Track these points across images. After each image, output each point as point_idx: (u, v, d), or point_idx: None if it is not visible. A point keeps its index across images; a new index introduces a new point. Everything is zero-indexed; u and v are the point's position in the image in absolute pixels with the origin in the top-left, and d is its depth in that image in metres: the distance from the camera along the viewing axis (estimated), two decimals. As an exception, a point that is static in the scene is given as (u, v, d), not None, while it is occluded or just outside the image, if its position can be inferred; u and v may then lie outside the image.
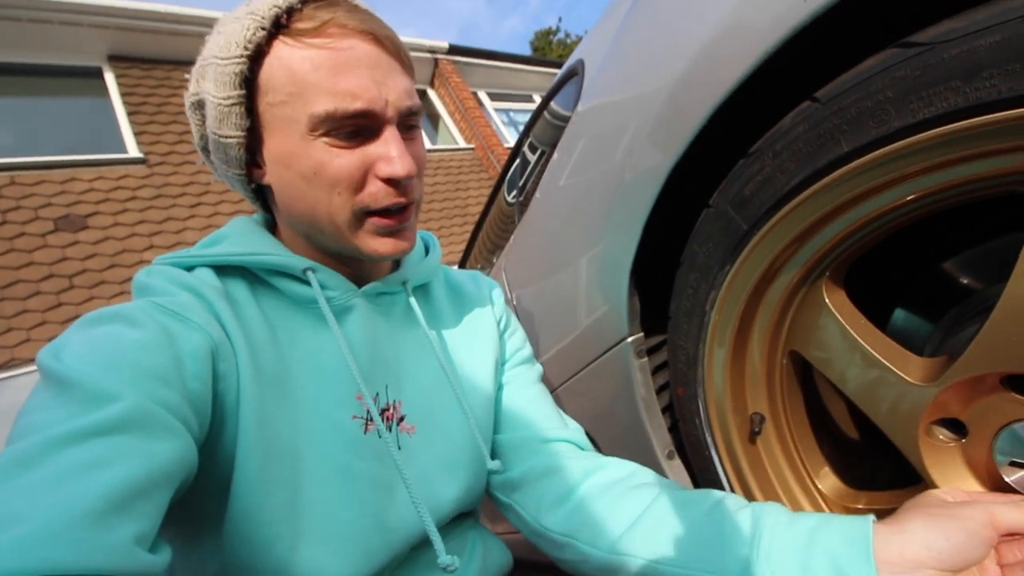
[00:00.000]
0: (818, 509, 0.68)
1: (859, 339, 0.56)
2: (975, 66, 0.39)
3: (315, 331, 0.59)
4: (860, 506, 0.65)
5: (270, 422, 0.51)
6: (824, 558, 0.45)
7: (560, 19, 46.42)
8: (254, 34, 0.49)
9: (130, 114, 5.26)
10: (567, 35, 21.29)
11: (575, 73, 1.13)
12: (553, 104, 1.31)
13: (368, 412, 0.58)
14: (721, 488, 0.74)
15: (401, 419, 0.62)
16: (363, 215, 0.55)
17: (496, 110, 8.61)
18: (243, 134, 0.54)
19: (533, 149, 1.46)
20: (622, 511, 0.58)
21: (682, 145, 0.63)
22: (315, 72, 0.49)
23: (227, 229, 0.62)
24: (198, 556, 0.54)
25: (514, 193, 1.60)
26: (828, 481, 0.69)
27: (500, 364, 0.77)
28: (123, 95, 5.32)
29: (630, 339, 0.82)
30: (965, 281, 0.59)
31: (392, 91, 0.52)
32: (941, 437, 0.53)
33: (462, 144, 7.77)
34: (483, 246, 2.04)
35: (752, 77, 0.54)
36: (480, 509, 0.76)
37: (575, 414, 0.82)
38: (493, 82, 8.80)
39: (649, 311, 0.83)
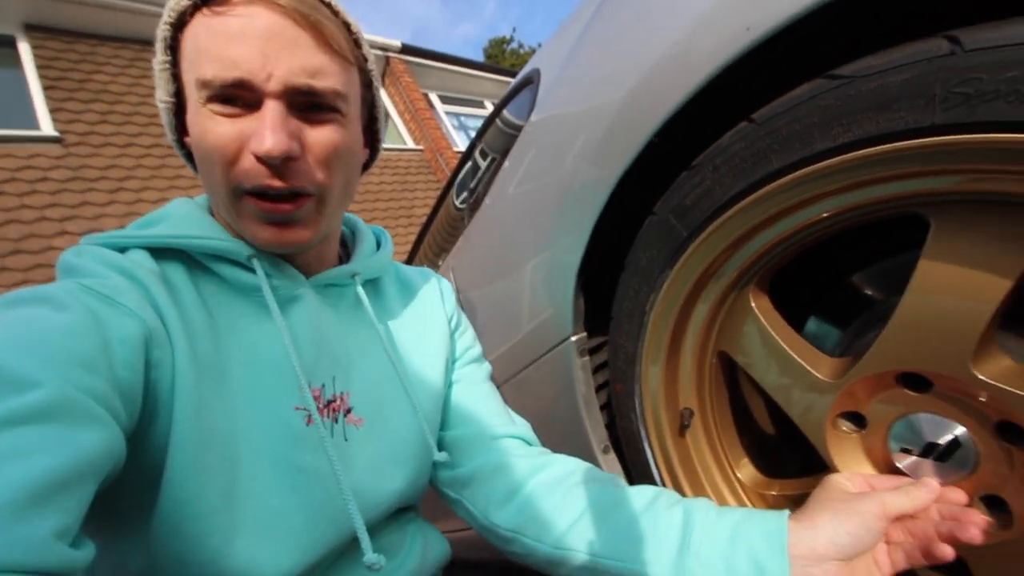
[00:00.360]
0: (737, 497, 0.74)
1: (779, 341, 0.62)
2: (887, 99, 0.45)
3: (258, 320, 0.57)
4: (774, 493, 0.71)
5: (207, 412, 0.49)
6: (745, 553, 0.51)
7: (514, 29, 46.86)
8: (178, 2, 0.50)
9: (46, 88, 4.79)
10: (520, 45, 21.54)
11: (530, 82, 1.16)
12: (506, 112, 1.34)
13: (315, 402, 0.57)
14: (653, 479, 0.78)
15: (348, 411, 0.61)
16: (240, 193, 0.52)
17: (447, 113, 8.59)
18: (171, 99, 0.54)
19: (484, 155, 1.49)
20: (566, 508, 0.61)
21: (630, 156, 0.67)
22: (210, 38, 0.48)
23: (167, 209, 0.59)
24: (121, 552, 0.50)
25: (463, 197, 1.62)
26: (747, 471, 0.75)
27: (451, 362, 0.78)
28: (39, 68, 4.84)
29: (574, 338, 0.86)
30: (870, 292, 0.67)
31: (282, 65, 0.48)
32: (845, 428, 0.60)
33: (411, 145, 7.69)
34: (429, 248, 2.03)
35: (697, 96, 0.58)
36: (420, 505, 0.77)
37: (518, 410, 0.84)
38: (445, 85, 8.77)
39: (592, 312, 0.87)
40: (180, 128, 0.57)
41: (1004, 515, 0.51)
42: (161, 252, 0.54)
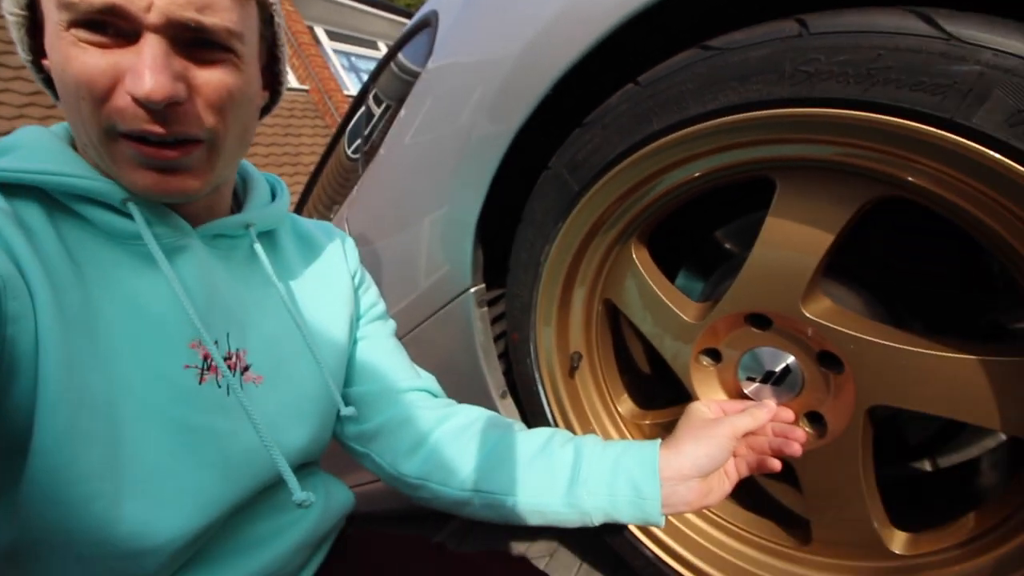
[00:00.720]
0: (617, 428, 0.83)
1: (655, 288, 0.70)
2: (748, 72, 0.51)
3: (135, 271, 0.51)
4: (647, 422, 0.81)
5: (79, 371, 0.44)
6: (624, 479, 0.60)
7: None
8: None
9: None
10: (416, -16, 20.18)
11: (428, 24, 1.12)
12: (401, 56, 1.28)
13: (206, 360, 0.54)
14: (546, 418, 0.85)
15: (246, 368, 0.58)
16: (115, 134, 0.45)
17: (335, 51, 7.91)
18: (23, 12, 0.46)
19: (378, 101, 1.42)
20: (470, 453, 0.66)
21: (527, 110, 0.69)
22: None
23: (15, 139, 0.49)
24: None
25: (356, 145, 1.54)
26: (626, 405, 0.84)
27: (355, 319, 0.76)
28: None
29: (472, 290, 0.88)
30: (729, 246, 0.76)
31: None
32: (705, 363, 0.70)
33: (294, 84, 7.02)
34: (319, 199, 1.92)
35: (592, 54, 0.61)
36: (319, 459, 0.76)
37: (420, 361, 0.86)
38: (333, 19, 8.02)
39: (490, 265, 0.90)
40: (36, 48, 0.48)
41: (821, 428, 0.63)
42: (11, 189, 0.46)
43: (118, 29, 0.42)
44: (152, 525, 0.48)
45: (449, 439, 0.67)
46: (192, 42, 0.45)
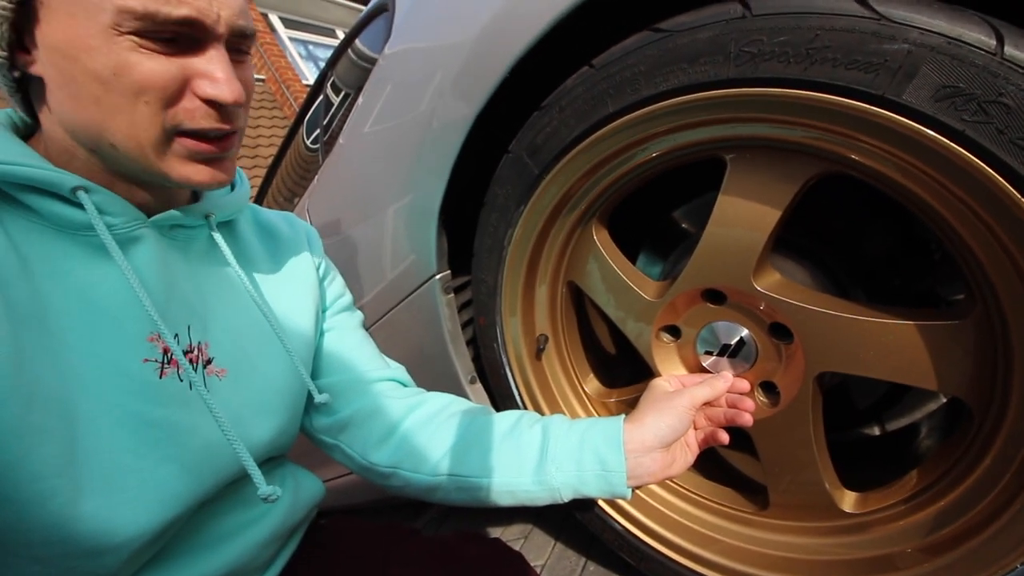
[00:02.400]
0: (584, 407, 0.85)
1: (616, 268, 0.71)
2: (696, 53, 0.52)
3: (86, 263, 0.50)
4: (612, 400, 0.83)
5: (29, 367, 0.43)
6: (591, 453, 0.62)
7: (365, -49, 42.52)
8: None
9: None
10: (373, -30, 19.66)
11: (384, 9, 1.10)
12: (358, 43, 1.26)
13: (166, 354, 0.53)
14: (515, 401, 0.86)
15: (208, 362, 0.57)
16: (174, 134, 0.48)
17: (292, 39, 7.67)
18: (12, 5, 0.43)
19: (336, 90, 1.39)
20: (439, 439, 0.67)
21: (485, 94, 0.69)
22: None
23: None
24: None
25: (315, 135, 1.51)
26: (592, 385, 0.86)
27: (321, 311, 0.75)
28: None
29: (438, 276, 0.88)
30: (685, 226, 0.78)
31: (226, 6, 0.46)
32: (665, 340, 0.72)
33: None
34: (279, 191, 1.88)
35: (547, 37, 0.61)
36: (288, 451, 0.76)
37: (388, 349, 0.86)
38: (288, 7, 7.76)
39: (456, 252, 0.90)
40: (16, 43, 0.45)
41: (775, 396, 0.66)
42: None
43: (186, 38, 0.45)
44: (113, 523, 0.47)
45: (419, 426, 0.68)
46: (235, 49, 0.50)
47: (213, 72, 0.46)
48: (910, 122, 0.44)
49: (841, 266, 0.67)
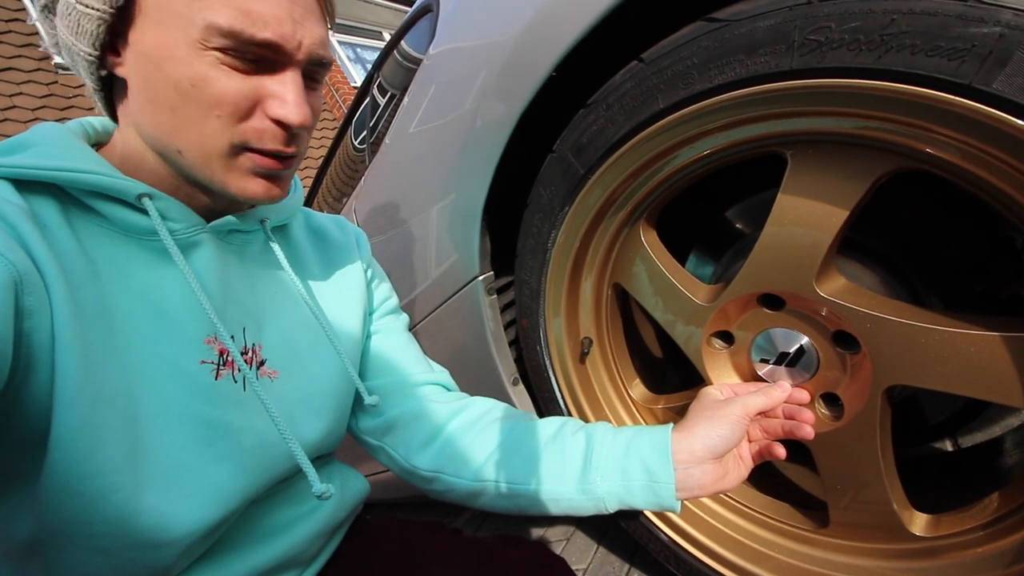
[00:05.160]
0: (630, 414, 0.83)
1: (665, 271, 0.68)
2: (755, 43, 0.49)
3: (149, 267, 0.52)
4: (659, 407, 0.80)
5: (96, 367, 0.45)
6: (637, 462, 0.59)
7: (411, -47, 43.17)
8: None
9: None
10: (419, -28, 19.91)
11: (429, 10, 1.10)
12: (404, 44, 1.27)
13: (222, 356, 0.55)
14: (558, 405, 0.85)
15: (262, 363, 0.59)
16: (241, 149, 0.50)
17: (341, 43, 7.89)
18: (112, 10, 0.45)
19: (383, 91, 1.41)
20: (482, 444, 0.66)
21: (529, 93, 0.68)
22: None
23: (31, 136, 0.50)
24: (1, 517, 0.47)
25: (363, 137, 1.53)
26: (638, 390, 0.84)
27: (368, 314, 0.76)
28: None
29: (481, 277, 0.88)
30: (739, 226, 0.74)
31: (309, 34, 0.48)
32: (717, 346, 0.68)
33: (302, 78, 7.01)
34: (328, 192, 1.92)
35: (593, 32, 0.59)
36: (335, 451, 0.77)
37: (432, 349, 0.86)
38: (338, 11, 7.96)
39: (499, 252, 0.89)
40: (109, 45, 0.48)
41: (838, 409, 0.62)
42: (27, 185, 0.47)
43: (266, 60, 0.47)
44: (171, 517, 0.49)
45: (462, 431, 0.68)
46: (310, 76, 0.52)
47: (285, 94, 0.48)
48: (1001, 113, 0.39)
49: (915, 270, 0.61)
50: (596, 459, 0.61)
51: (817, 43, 0.45)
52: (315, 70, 0.52)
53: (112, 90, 0.53)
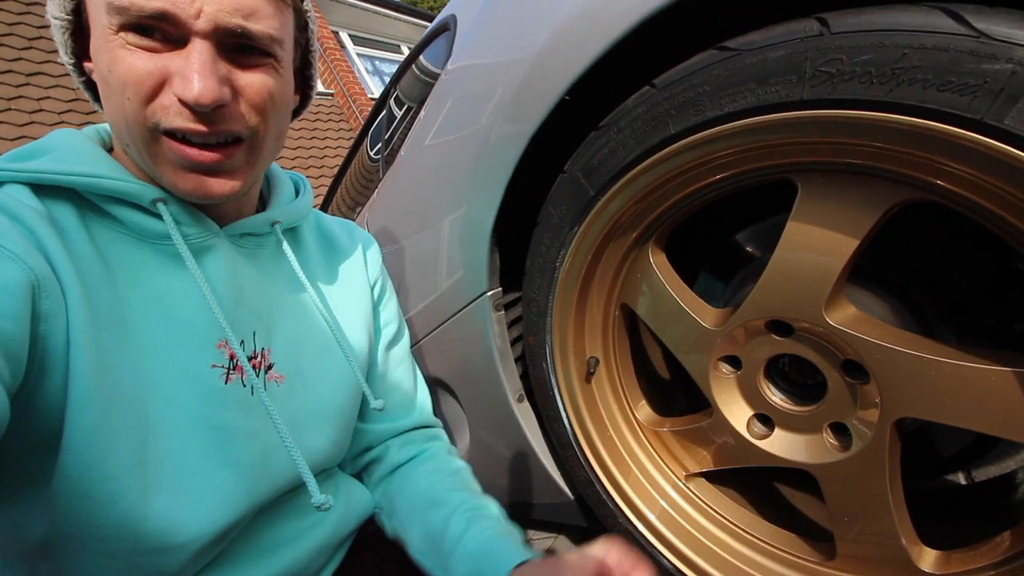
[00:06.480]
0: (635, 435, 0.82)
1: (673, 293, 0.68)
2: (766, 73, 0.49)
3: (163, 271, 0.52)
4: (665, 429, 0.80)
5: (109, 370, 0.46)
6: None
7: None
8: None
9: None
10: (440, -13, 20.31)
11: (447, 28, 1.12)
12: (422, 59, 1.29)
13: (231, 360, 0.55)
14: (563, 423, 0.84)
15: (269, 367, 0.59)
16: (158, 132, 0.47)
17: (359, 55, 8.02)
18: (68, 17, 0.47)
19: (399, 104, 1.43)
20: (404, 500, 0.69)
21: (542, 113, 0.68)
22: None
23: (48, 141, 0.51)
24: (15, 521, 0.47)
25: (378, 148, 1.55)
26: (644, 411, 0.83)
27: (374, 329, 0.76)
28: None
29: (489, 293, 0.88)
30: (749, 250, 0.74)
31: (213, 2, 0.44)
32: (724, 371, 0.68)
33: (320, 88, 7.13)
34: (343, 201, 1.94)
35: (607, 56, 0.60)
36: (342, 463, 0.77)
37: (437, 364, 0.86)
38: (358, 24, 8.13)
39: (508, 269, 0.89)
40: (79, 52, 0.50)
41: (845, 439, 0.61)
42: (45, 190, 0.47)
43: (167, 34, 0.44)
44: (177, 522, 0.49)
45: (401, 482, 0.72)
46: (236, 47, 0.47)
47: (185, 69, 0.44)
48: (1013, 149, 0.39)
49: (928, 302, 0.61)
50: (457, 553, 0.59)
51: (828, 75, 0.46)
52: (240, 41, 0.47)
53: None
